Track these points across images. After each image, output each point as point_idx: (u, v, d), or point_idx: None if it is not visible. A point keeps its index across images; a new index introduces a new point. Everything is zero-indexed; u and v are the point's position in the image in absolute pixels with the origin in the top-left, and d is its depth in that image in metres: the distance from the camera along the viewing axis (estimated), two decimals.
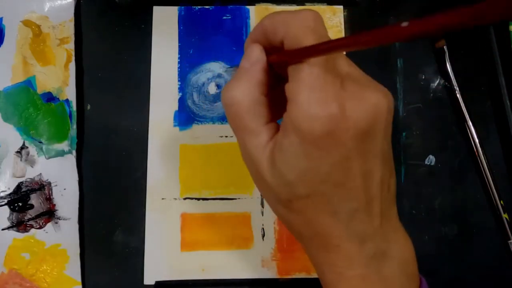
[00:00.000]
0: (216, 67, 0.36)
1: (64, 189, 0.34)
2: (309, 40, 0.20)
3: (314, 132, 0.19)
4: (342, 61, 0.21)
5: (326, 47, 0.19)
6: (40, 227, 0.34)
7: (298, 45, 0.20)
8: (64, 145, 0.34)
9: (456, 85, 0.36)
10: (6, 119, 0.35)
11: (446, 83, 0.36)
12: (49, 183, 0.34)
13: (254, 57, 0.22)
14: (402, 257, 0.23)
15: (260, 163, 0.22)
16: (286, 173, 0.21)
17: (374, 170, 0.21)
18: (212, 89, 0.36)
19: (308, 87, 0.20)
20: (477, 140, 0.35)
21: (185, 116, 0.36)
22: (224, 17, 0.37)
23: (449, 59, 0.36)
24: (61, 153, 0.34)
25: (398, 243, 0.23)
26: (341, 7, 0.37)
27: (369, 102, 0.20)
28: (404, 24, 0.14)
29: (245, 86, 0.22)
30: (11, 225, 0.34)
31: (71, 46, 0.35)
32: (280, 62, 0.22)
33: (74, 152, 0.34)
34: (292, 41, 0.20)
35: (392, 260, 0.22)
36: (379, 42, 0.16)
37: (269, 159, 0.21)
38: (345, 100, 0.19)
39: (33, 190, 0.34)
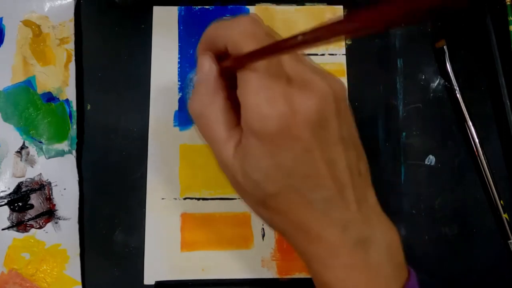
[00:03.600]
0: None
1: (64, 189, 0.34)
2: (248, 46, 0.20)
3: (267, 131, 0.20)
4: (288, 58, 0.22)
5: (261, 52, 0.19)
6: (40, 227, 0.34)
7: (239, 51, 0.21)
8: (64, 145, 0.34)
9: (456, 85, 0.36)
10: (6, 119, 0.35)
11: (446, 83, 0.36)
12: (49, 183, 0.34)
13: (206, 67, 0.23)
14: (387, 242, 0.23)
15: (232, 169, 0.22)
16: (253, 174, 0.21)
17: (337, 157, 0.21)
18: None
19: (255, 89, 0.20)
20: (477, 140, 0.35)
21: (185, 116, 0.36)
22: (224, 17, 0.37)
23: (449, 59, 0.36)
24: (61, 153, 0.34)
25: (381, 228, 0.23)
26: (341, 7, 0.37)
27: (314, 94, 0.20)
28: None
29: (205, 97, 0.23)
30: (11, 225, 0.34)
31: (71, 46, 0.35)
32: (230, 68, 0.22)
33: (74, 152, 0.34)
34: (234, 48, 0.21)
35: (377, 246, 0.22)
36: (312, 44, 0.17)
37: (238, 163, 0.22)
38: (291, 96, 0.20)
39: (33, 190, 0.34)
